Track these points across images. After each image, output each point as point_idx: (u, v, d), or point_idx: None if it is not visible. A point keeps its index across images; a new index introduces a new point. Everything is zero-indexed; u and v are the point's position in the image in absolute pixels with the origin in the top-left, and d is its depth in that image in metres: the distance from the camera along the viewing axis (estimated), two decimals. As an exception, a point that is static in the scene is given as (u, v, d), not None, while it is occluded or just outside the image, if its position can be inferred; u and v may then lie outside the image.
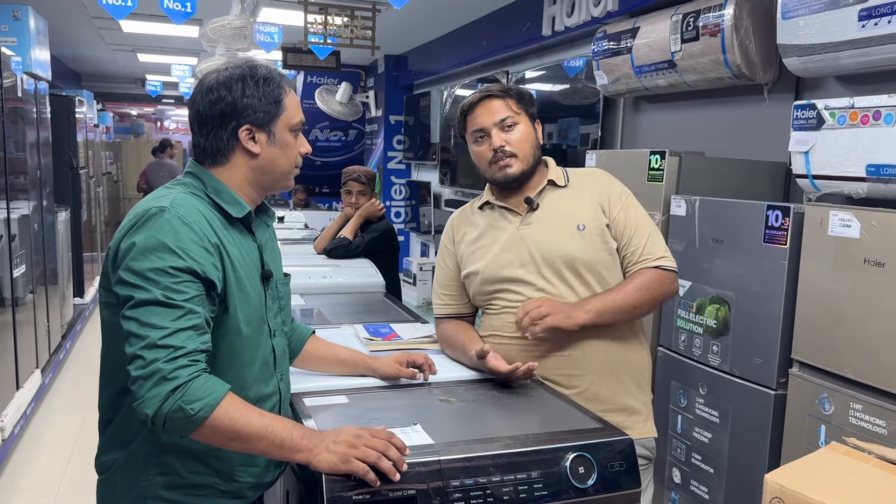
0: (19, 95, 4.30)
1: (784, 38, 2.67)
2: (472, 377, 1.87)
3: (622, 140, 4.21)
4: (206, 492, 1.41)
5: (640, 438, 1.87)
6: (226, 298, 1.38)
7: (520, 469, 1.41)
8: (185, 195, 1.40)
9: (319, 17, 5.16)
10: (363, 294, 3.03)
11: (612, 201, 1.90)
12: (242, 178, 1.46)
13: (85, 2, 5.74)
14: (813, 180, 2.54)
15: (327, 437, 1.32)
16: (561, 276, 1.86)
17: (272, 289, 1.52)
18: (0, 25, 4.47)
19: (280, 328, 1.57)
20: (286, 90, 1.47)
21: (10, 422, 3.72)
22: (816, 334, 2.18)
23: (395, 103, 7.98)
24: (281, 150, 1.47)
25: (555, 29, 4.54)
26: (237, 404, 1.28)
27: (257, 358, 1.46)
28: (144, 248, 1.29)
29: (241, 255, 1.43)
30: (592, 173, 2.02)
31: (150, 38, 7.48)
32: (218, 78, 1.43)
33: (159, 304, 1.26)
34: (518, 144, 1.89)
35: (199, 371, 1.26)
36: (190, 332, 1.27)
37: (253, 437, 1.28)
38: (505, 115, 1.88)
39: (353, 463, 1.28)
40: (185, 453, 1.38)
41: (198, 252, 1.32)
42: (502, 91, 1.91)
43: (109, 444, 1.42)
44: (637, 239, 1.87)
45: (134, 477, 1.38)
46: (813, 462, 1.65)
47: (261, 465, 1.48)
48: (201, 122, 1.43)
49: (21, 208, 4.30)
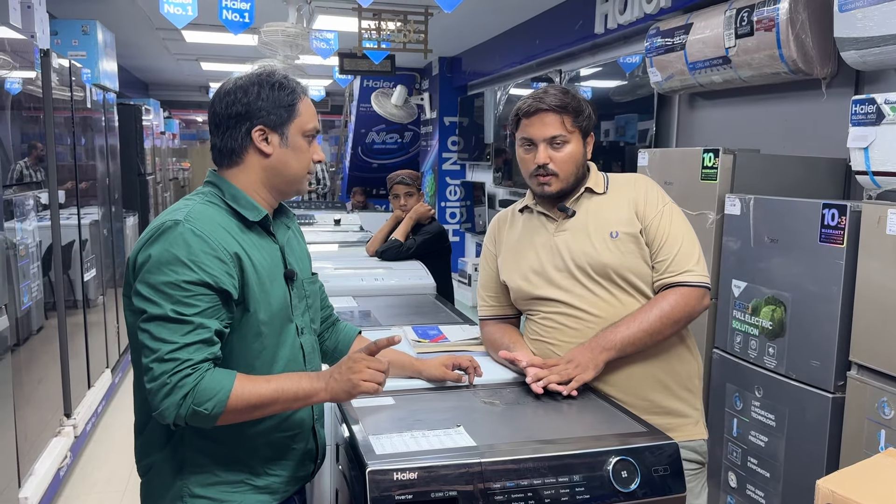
0: (88, 106, 4.49)
1: (842, 32, 2.59)
2: (516, 379, 1.88)
3: (677, 137, 4.15)
4: (240, 488, 1.47)
5: (689, 441, 1.85)
6: (245, 300, 1.44)
7: (562, 472, 1.41)
8: (202, 205, 1.46)
9: (373, 23, 5.23)
10: (414, 296, 3.07)
11: (647, 207, 1.86)
12: (256, 178, 1.52)
13: (150, 14, 5.95)
14: (873, 177, 2.46)
15: (331, 373, 1.46)
16: (594, 283, 1.84)
17: (298, 288, 1.58)
18: (71, 40, 4.68)
19: (308, 326, 1.62)
20: (301, 97, 1.53)
21: (82, 419, 3.89)
22: (875, 336, 2.12)
23: (449, 105, 8.02)
24: (293, 153, 1.52)
25: (607, 26, 4.49)
26: (245, 384, 1.37)
27: (281, 356, 1.51)
28: (159, 262, 1.35)
29: (263, 257, 1.49)
30: (632, 179, 1.97)
31: (211, 48, 7.70)
32: (235, 83, 1.51)
33: (169, 320, 1.33)
34: (561, 164, 1.86)
35: (203, 374, 1.33)
36: (199, 345, 1.34)
37: (269, 403, 1.39)
38: (556, 134, 1.84)
39: (363, 385, 1.44)
40: (216, 452, 1.45)
41: (211, 263, 1.37)
42: (560, 106, 1.85)
43: (147, 448, 1.50)
44: (667, 249, 1.82)
45: (170, 477, 1.46)
46: (868, 468, 1.60)
47: (293, 460, 1.54)
48: (218, 122, 1.50)
49: (92, 214, 4.49)
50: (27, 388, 3.20)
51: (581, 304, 1.84)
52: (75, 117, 4.12)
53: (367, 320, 2.59)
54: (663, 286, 1.82)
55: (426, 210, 3.58)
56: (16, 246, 3.04)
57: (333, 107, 12.66)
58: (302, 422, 1.57)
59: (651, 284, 1.84)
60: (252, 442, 1.48)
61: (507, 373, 1.92)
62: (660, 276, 1.83)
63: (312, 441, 1.62)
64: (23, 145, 3.46)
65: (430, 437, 1.49)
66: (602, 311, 1.83)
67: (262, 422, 1.47)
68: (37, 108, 3.51)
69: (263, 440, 1.50)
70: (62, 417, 3.78)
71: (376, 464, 1.35)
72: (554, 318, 1.87)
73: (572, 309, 1.85)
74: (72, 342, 3.92)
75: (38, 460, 3.26)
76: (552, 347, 1.89)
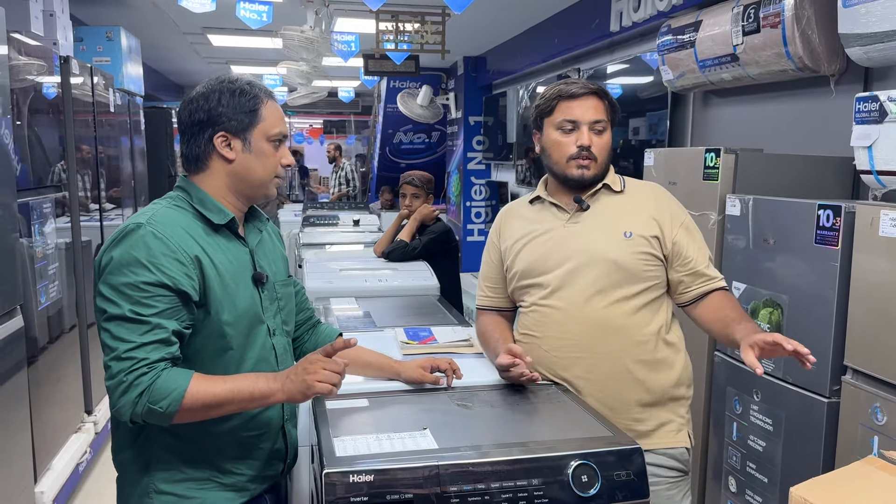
0: (112, 110, 4.61)
1: (846, 28, 2.53)
2: (496, 383, 1.88)
3: (692, 136, 4.09)
4: (206, 485, 1.51)
5: (669, 448, 1.83)
6: (207, 302, 1.46)
7: (521, 476, 1.42)
8: (167, 209, 1.50)
9: (391, 25, 5.25)
10: (416, 297, 3.09)
11: (672, 219, 1.87)
12: (222, 184, 1.55)
13: (176, 19, 6.06)
14: (878, 176, 2.40)
15: (287, 374, 1.46)
16: (593, 277, 1.82)
17: (269, 290, 1.61)
18: (96, 46, 4.80)
19: (280, 327, 1.64)
20: (264, 102, 1.54)
21: (103, 416, 4.00)
22: (869, 340, 2.07)
23: (473, 104, 8.01)
24: (256, 158, 1.54)
25: (622, 24, 4.45)
26: (201, 384, 1.39)
27: (250, 356, 1.54)
28: (119, 263, 1.40)
29: (228, 260, 1.52)
30: (651, 187, 2.00)
31: (240, 51, 7.81)
32: (198, 90, 1.54)
33: (128, 320, 1.37)
34: (600, 150, 1.87)
35: (158, 373, 1.36)
36: (156, 345, 1.38)
37: (224, 403, 1.41)
38: (600, 118, 1.87)
39: (317, 386, 1.44)
40: (182, 449, 1.49)
41: (170, 265, 1.41)
42: (603, 93, 1.90)
43: (119, 444, 1.54)
44: (699, 261, 1.86)
45: (138, 474, 1.50)
46: (844, 476, 1.57)
47: (260, 459, 1.57)
48: (183, 130, 1.55)
49: (116, 215, 4.61)
50: (50, 386, 3.31)
51: (572, 296, 1.83)
52: (98, 120, 4.23)
53: (363, 322, 2.62)
54: (701, 294, 1.86)
55: (430, 211, 3.60)
56: (33, 247, 3.14)
57: (364, 107, 12.76)
58: (269, 421, 1.59)
59: (644, 292, 1.84)
60: (217, 440, 1.52)
61: (490, 375, 1.92)
62: (697, 284, 1.86)
63: (281, 441, 1.64)
64: (59, 148, 3.60)
65: (393, 440, 1.51)
66: (588, 309, 1.82)
67: (227, 420, 1.50)
68: (56, 112, 3.62)
69: (229, 438, 1.53)
70: (83, 414, 3.89)
71: (334, 466, 1.36)
72: (543, 309, 1.87)
73: (561, 301, 1.85)
74: (94, 340, 4.02)
75: (57, 456, 3.36)
76: (538, 341, 1.89)
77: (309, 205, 7.82)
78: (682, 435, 1.87)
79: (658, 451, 1.82)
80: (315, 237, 4.55)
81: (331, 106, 12.78)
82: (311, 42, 4.77)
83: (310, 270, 3.33)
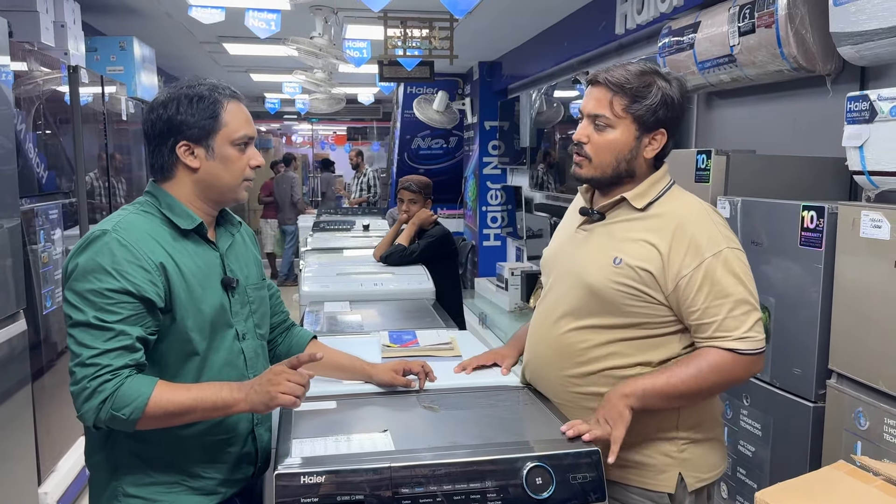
0: (124, 118, 4.70)
1: (837, 26, 2.49)
2: (468, 385, 1.88)
3: (696, 137, 4.05)
4: (175, 489, 1.51)
5: (649, 490, 1.66)
6: (172, 309, 1.47)
7: (475, 478, 1.41)
8: (133, 215, 1.51)
9: (399, 31, 5.28)
10: (411, 301, 3.10)
11: (687, 257, 1.57)
12: (189, 191, 1.55)
13: (192, 29, 6.16)
14: (870, 177, 2.35)
15: (252, 384, 1.46)
16: (566, 296, 1.71)
17: (240, 294, 1.61)
18: (109, 56, 4.89)
19: (252, 331, 1.64)
20: (224, 106, 1.53)
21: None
22: (852, 343, 2.03)
23: (489, 109, 8.00)
24: (222, 164, 1.54)
25: (627, 27, 4.42)
26: (164, 392, 1.40)
27: (215, 361, 1.54)
28: (84, 270, 1.41)
29: (196, 265, 1.52)
30: (683, 213, 1.64)
31: (258, 59, 7.91)
32: (158, 98, 1.54)
33: (92, 327, 1.38)
34: (597, 149, 1.65)
35: (122, 380, 1.37)
36: (120, 351, 1.39)
37: (187, 411, 1.42)
38: (601, 113, 1.63)
39: (280, 398, 1.43)
40: (149, 454, 1.50)
41: (134, 272, 1.42)
42: (616, 84, 1.61)
43: (91, 447, 1.56)
44: (715, 309, 1.55)
45: (108, 476, 1.51)
46: (811, 481, 1.54)
47: (228, 463, 1.57)
48: (147, 139, 1.55)
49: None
50: (56, 389, 3.37)
51: (547, 309, 1.77)
52: (110, 129, 4.32)
53: (350, 326, 2.63)
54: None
55: (428, 216, 3.62)
56: (38, 252, 3.21)
57: (384, 114, 12.82)
58: (237, 426, 1.60)
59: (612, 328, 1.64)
60: (184, 444, 1.52)
61: (463, 379, 1.93)
62: (705, 338, 1.58)
63: (251, 444, 1.65)
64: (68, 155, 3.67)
65: (352, 442, 1.51)
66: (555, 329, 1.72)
67: (193, 425, 1.51)
68: (66, 121, 3.70)
69: (195, 442, 1.54)
70: (92, 417, 3.96)
71: (285, 468, 1.37)
72: (534, 312, 1.84)
73: (539, 310, 1.81)
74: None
75: (63, 458, 3.42)
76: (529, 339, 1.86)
77: (322, 210, 7.87)
78: (665, 477, 1.64)
79: (638, 491, 1.66)
80: (321, 241, 4.58)
81: (352, 113, 12.87)
82: (321, 49, 4.81)
83: (307, 274, 3.35)
